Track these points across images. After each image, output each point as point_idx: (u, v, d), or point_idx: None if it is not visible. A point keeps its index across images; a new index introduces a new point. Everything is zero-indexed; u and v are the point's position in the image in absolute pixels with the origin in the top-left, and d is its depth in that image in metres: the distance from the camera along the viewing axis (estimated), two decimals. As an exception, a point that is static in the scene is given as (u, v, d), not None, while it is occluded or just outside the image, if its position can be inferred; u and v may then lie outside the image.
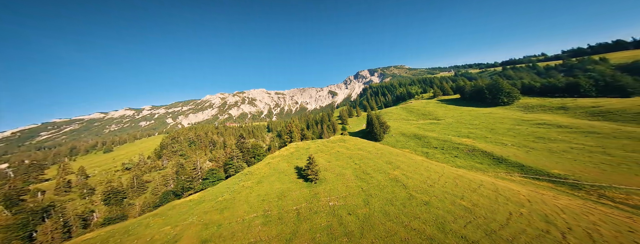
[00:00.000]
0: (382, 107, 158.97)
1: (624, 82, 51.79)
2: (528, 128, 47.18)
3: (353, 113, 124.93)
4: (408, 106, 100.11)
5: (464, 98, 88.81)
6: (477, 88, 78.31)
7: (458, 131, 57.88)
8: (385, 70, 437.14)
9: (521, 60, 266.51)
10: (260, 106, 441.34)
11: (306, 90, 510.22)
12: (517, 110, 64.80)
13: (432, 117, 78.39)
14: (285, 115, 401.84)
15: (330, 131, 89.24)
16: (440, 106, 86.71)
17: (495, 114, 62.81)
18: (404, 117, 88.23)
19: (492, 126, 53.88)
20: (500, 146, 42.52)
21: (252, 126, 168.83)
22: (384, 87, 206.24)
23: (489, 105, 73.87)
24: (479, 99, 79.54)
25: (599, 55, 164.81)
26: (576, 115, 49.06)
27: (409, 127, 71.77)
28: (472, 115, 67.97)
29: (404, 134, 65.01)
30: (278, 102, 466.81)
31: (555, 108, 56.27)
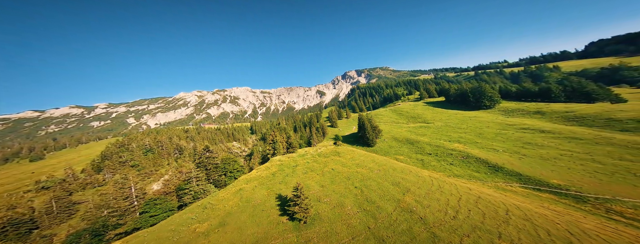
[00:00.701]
0: (371, 108, 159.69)
1: (589, 89, 57.00)
2: (514, 133, 48.35)
3: (342, 114, 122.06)
4: (397, 108, 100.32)
5: (448, 101, 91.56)
6: (462, 91, 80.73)
7: (448, 135, 57.85)
8: (372, 71, 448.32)
9: (489, 66, 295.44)
10: (243, 105, 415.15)
11: (294, 89, 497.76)
12: (498, 113, 67.78)
13: (421, 119, 78.66)
14: (271, 114, 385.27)
15: (320, 135, 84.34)
16: (428, 109, 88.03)
17: (481, 118, 64.68)
18: (394, 119, 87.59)
19: (480, 131, 54.70)
20: (492, 153, 42.40)
21: (232, 128, 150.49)
22: (371, 88, 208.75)
23: (472, 108, 76.55)
24: (463, 102, 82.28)
25: (552, 63, 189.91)
26: (553, 120, 52.02)
27: (400, 131, 70.56)
28: (458, 118, 69.36)
29: (396, 139, 63.25)
30: (264, 101, 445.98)
31: (533, 112, 59.62)
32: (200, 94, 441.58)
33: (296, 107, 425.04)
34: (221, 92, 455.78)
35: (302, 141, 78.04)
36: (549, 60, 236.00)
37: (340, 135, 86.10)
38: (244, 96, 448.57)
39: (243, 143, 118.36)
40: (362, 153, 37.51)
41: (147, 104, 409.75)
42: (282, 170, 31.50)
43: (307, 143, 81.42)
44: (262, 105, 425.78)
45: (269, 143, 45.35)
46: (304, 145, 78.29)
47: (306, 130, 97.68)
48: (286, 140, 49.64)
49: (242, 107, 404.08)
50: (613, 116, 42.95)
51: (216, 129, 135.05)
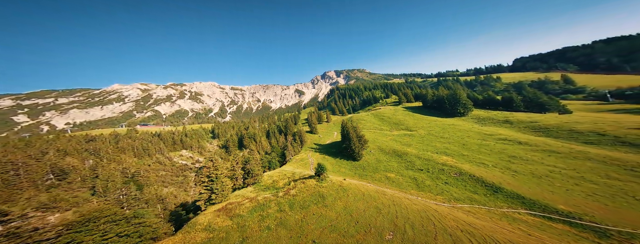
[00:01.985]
0: (351, 110, 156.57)
1: (542, 100, 63.98)
2: (495, 144, 48.49)
3: (322, 117, 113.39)
4: (379, 113, 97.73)
5: (426, 107, 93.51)
6: (439, 98, 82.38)
7: (433, 146, 55.65)
8: (350, 72, 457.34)
9: (446, 74, 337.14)
10: (208, 102, 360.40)
11: (270, 87, 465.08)
12: (472, 121, 70.64)
13: (404, 126, 76.56)
14: (243, 114, 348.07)
15: (297, 144, 73.07)
16: (408, 114, 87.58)
17: (459, 126, 65.64)
18: (377, 125, 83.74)
19: (464, 141, 54.06)
20: (483, 168, 40.39)
21: (183, 132, 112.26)
22: (351, 90, 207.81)
23: (448, 115, 78.66)
24: (439, 108, 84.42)
25: (495, 74, 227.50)
26: (522, 130, 55.17)
27: (385, 140, 66.04)
28: (439, 126, 69.40)
29: (382, 150, 57.93)
30: (234, 98, 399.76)
31: (502, 121, 63.24)
32: (146, 88, 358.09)
33: (273, 106, 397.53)
34: (177, 86, 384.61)
35: (276, 154, 65.07)
36: (490, 71, 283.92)
37: (321, 143, 77.01)
38: (209, 92, 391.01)
39: (197, 151, 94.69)
40: (359, 192, 28.52)
41: (55, 97, 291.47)
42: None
43: (280, 156, 68.77)
44: (233, 103, 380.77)
45: (202, 183, 27.46)
46: (277, 160, 65.24)
47: (281, 138, 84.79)
48: (243, 164, 36.63)
49: (207, 105, 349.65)
50: (573, 128, 46.82)
51: (154, 135, 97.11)
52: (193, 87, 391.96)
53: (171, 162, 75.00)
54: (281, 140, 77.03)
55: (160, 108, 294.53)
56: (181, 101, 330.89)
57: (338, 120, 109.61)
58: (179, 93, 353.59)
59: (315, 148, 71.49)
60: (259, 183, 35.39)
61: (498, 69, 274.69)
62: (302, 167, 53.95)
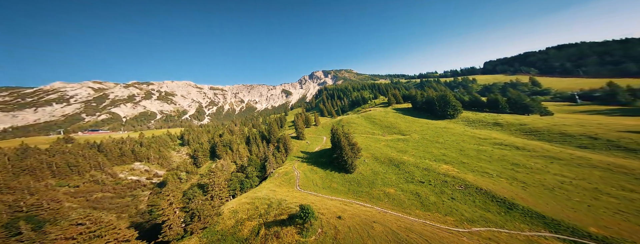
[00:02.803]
0: (340, 111, 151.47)
1: (526, 102, 65.45)
2: (493, 150, 46.17)
3: (310, 120, 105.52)
4: (369, 115, 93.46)
5: (415, 108, 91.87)
6: (429, 99, 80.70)
7: (430, 152, 51.91)
8: (338, 73, 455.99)
9: (427, 75, 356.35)
10: (182, 103, 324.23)
11: (255, 87, 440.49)
12: (463, 123, 69.65)
13: (396, 130, 72.80)
14: (224, 115, 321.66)
15: (282, 154, 64.07)
16: (399, 117, 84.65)
17: (452, 129, 63.64)
18: (369, 129, 78.90)
19: (460, 147, 51.25)
20: (489, 179, 36.92)
21: (138, 139, 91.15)
22: (339, 90, 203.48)
23: (439, 117, 77.21)
24: (429, 110, 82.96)
25: (470, 76, 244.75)
26: (513, 133, 54.52)
27: (378, 146, 60.92)
28: (432, 129, 66.85)
29: (377, 158, 52.45)
30: (214, 99, 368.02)
31: (492, 124, 62.75)
32: (101, 86, 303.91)
33: (258, 107, 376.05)
34: (142, 85, 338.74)
35: (251, 169, 54.13)
36: (465, 73, 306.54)
37: (309, 151, 69.19)
38: (183, 92, 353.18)
39: (158, 162, 77.35)
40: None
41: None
42: None
43: (260, 169, 58.47)
44: (212, 104, 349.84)
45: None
46: (255, 175, 54.87)
47: (263, 145, 74.80)
48: (185, 202, 26.63)
49: (180, 105, 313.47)
50: (564, 131, 46.69)
51: (91, 145, 75.74)
52: (163, 86, 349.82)
53: (115, 179, 59.62)
54: (263, 148, 67.08)
55: (119, 110, 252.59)
56: (147, 102, 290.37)
57: (327, 123, 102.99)
58: (144, 93, 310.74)
59: (302, 158, 63.40)
60: (212, 227, 24.72)
61: (472, 71, 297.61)
62: (286, 185, 45.49)
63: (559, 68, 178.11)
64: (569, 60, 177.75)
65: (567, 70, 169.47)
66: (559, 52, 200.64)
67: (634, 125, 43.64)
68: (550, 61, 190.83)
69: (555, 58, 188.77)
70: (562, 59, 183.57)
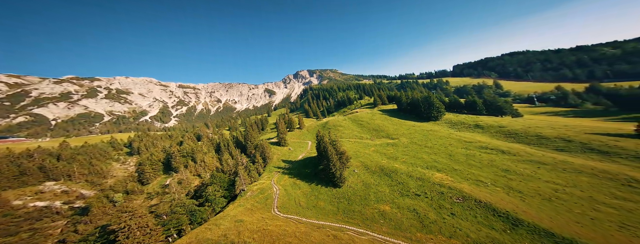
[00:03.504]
0: (325, 112, 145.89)
1: (500, 104, 69.12)
2: (481, 155, 45.43)
3: (293, 123, 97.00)
4: (356, 117, 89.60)
5: (401, 110, 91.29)
6: (414, 101, 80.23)
7: (421, 158, 49.42)
8: (323, 72, 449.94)
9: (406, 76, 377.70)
10: (141, 103, 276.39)
11: (234, 86, 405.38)
12: (446, 125, 70.27)
13: (384, 134, 69.91)
14: (197, 116, 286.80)
15: (259, 165, 54.39)
16: (386, 119, 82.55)
17: (437, 132, 63.08)
18: (357, 133, 74.59)
19: (449, 151, 49.87)
20: (484, 189, 34.95)
21: (54, 153, 64.66)
22: (324, 90, 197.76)
23: (424, 119, 77.12)
24: (414, 112, 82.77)
25: (444, 78, 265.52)
26: (494, 135, 55.74)
27: (368, 152, 56.61)
28: (419, 132, 65.55)
29: (368, 168, 47.77)
30: (184, 98, 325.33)
31: (473, 126, 64.10)
32: (19, 81, 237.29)
33: (238, 107, 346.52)
34: (84, 81, 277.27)
35: (214, 190, 40.87)
36: (439, 75, 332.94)
37: (291, 159, 61.37)
38: (142, 90, 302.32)
39: (85, 179, 56.86)
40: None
41: None
42: None
43: (228, 186, 45.68)
44: (181, 104, 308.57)
45: None
46: (221, 196, 41.79)
47: (237, 153, 63.96)
48: None
49: (138, 106, 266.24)
50: (539, 133, 48.68)
51: None
52: (114, 82, 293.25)
53: (3, 209, 42.00)
54: (231, 165, 55.33)
55: (46, 110, 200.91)
56: (90, 101, 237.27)
57: (312, 126, 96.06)
58: (86, 90, 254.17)
59: (283, 169, 55.30)
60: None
61: (444, 74, 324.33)
62: (261, 207, 37.21)
63: (513, 72, 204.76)
64: (520, 65, 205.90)
65: (519, 75, 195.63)
66: (511, 58, 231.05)
67: (597, 127, 47.44)
68: (506, 66, 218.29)
69: (510, 64, 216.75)
70: (514, 65, 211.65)
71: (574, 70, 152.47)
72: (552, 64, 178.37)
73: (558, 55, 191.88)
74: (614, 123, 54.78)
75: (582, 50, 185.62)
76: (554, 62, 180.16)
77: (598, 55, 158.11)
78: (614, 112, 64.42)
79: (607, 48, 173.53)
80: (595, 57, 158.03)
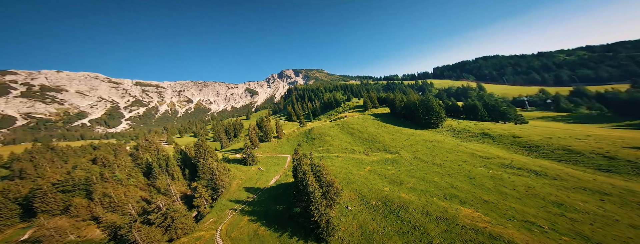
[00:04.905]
0: (310, 115, 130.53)
1: (502, 109, 62.26)
2: (510, 177, 35.08)
3: (270, 131, 79.40)
4: (345, 123, 76.13)
5: (395, 114, 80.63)
6: (410, 104, 69.72)
7: (433, 182, 37.39)
8: (309, 72, 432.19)
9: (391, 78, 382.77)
10: (79, 103, 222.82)
11: (210, 84, 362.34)
12: (449, 134, 60.78)
13: (380, 145, 57.38)
14: (159, 119, 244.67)
15: (204, 202, 36.60)
16: (380, 126, 70.64)
17: (443, 143, 52.65)
18: (347, 144, 60.82)
19: (466, 171, 38.87)
20: (544, 238, 23.78)
21: None
22: (310, 91, 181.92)
23: (422, 125, 66.98)
24: (410, 117, 72.47)
25: (428, 80, 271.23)
26: (510, 148, 46.88)
27: (363, 174, 42.95)
28: (421, 143, 54.41)
29: (365, 200, 34.09)
30: (142, 97, 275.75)
31: (480, 135, 55.25)
32: None
33: (213, 108, 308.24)
34: None
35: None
36: (421, 77, 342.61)
37: (260, 186, 44.69)
38: (82, 87, 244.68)
39: None
40: None
41: None
42: None
43: None
44: (138, 104, 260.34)
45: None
46: None
47: (179, 177, 44.88)
48: None
49: (72, 106, 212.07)
50: (567, 146, 40.60)
51: None
52: (39, 77, 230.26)
53: None
54: (178, 185, 36.47)
55: None
56: None
57: (294, 134, 79.72)
58: None
59: (243, 204, 38.55)
60: None
61: (426, 76, 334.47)
62: None
63: (488, 75, 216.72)
64: (494, 69, 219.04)
65: (494, 78, 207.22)
66: (486, 62, 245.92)
67: (619, 137, 40.90)
68: (482, 69, 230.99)
69: (485, 67, 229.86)
70: (489, 68, 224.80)
71: (541, 74, 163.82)
72: (522, 68, 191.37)
73: (524, 59, 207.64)
74: (629, 131, 50.75)
75: (544, 56, 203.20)
76: (523, 66, 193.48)
77: (559, 61, 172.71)
78: (611, 118, 62.80)
79: (562, 54, 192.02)
80: (557, 62, 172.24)
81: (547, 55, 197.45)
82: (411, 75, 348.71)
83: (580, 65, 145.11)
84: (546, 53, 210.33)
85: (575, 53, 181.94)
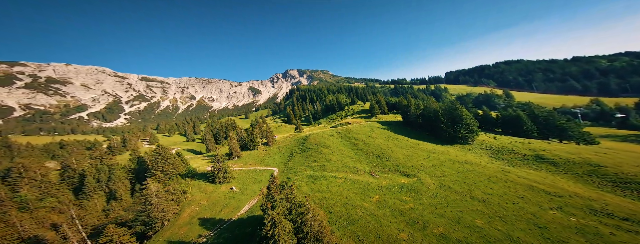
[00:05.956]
0: (310, 118, 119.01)
1: (560, 123, 47.33)
2: (616, 234, 21.45)
3: (256, 137, 68.26)
4: (348, 131, 63.64)
5: (408, 123, 67.10)
6: (430, 112, 56.08)
7: (476, 229, 23.78)
8: (314, 73, 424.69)
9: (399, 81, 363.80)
10: (82, 95, 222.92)
11: (213, 82, 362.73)
12: (484, 154, 46.66)
13: (392, 164, 44.29)
14: (159, 114, 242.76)
15: None
16: (390, 137, 57.47)
17: (481, 167, 38.85)
18: (349, 159, 48.26)
19: (531, 216, 25.12)
20: None
21: None
22: (312, 91, 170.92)
23: (445, 140, 53.23)
24: (429, 128, 58.79)
25: (442, 85, 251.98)
26: (587, 181, 32.49)
27: (369, 208, 30.21)
28: (447, 164, 40.92)
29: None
30: (146, 92, 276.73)
31: (532, 158, 40.82)
32: None
33: (215, 105, 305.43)
34: (2, 66, 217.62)
35: None
36: (434, 82, 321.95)
37: (223, 218, 32.94)
38: (88, 80, 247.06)
39: None
40: None
41: None
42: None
43: None
44: (140, 99, 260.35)
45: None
46: None
47: (126, 192, 34.28)
48: None
49: (74, 98, 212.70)
50: None
51: None
52: (47, 69, 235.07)
53: None
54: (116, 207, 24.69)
55: None
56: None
57: (287, 140, 68.14)
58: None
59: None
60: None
61: (438, 80, 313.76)
62: None
63: (513, 82, 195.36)
64: (520, 74, 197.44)
65: (520, 84, 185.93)
66: (508, 66, 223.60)
67: None
68: (505, 74, 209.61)
69: (509, 73, 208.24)
70: (513, 73, 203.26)
71: (582, 81, 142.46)
72: (555, 74, 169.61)
73: (556, 64, 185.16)
74: None
75: (581, 61, 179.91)
76: (556, 72, 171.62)
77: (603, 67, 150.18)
78: None
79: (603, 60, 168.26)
80: (600, 68, 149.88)
81: (584, 60, 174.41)
82: (421, 80, 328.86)
83: (632, 72, 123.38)
84: (582, 58, 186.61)
85: (620, 58, 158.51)
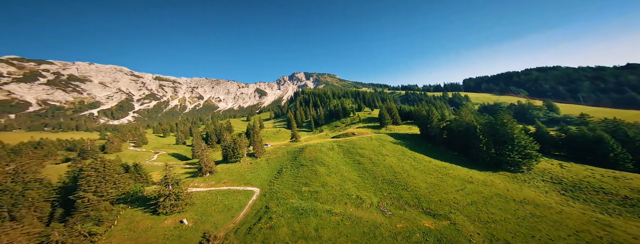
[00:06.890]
0: (312, 123, 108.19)
1: None
2: None
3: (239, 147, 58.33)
4: (352, 145, 51.44)
5: (427, 137, 53.28)
6: (461, 126, 42.41)
7: None
8: (320, 76, 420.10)
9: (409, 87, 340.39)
10: (98, 93, 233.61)
11: (222, 82, 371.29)
12: (549, 188, 32.12)
13: (408, 194, 31.21)
14: (167, 113, 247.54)
15: None
16: (405, 156, 44.23)
17: (555, 213, 24.60)
18: (350, 184, 35.92)
19: None
20: None
21: None
22: (316, 95, 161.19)
23: (485, 164, 39.11)
24: (460, 147, 44.84)
25: (462, 93, 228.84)
26: None
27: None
28: (493, 203, 27.22)
29: None
30: (158, 91, 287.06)
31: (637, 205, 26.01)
32: None
33: (221, 105, 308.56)
34: (29, 63, 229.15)
35: None
36: (449, 89, 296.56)
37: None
38: (106, 79, 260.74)
39: None
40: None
41: None
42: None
43: None
44: (151, 97, 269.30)
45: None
46: None
47: (34, 219, 24.75)
48: None
49: (91, 96, 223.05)
50: None
51: None
52: (70, 68, 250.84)
53: None
54: None
55: None
56: (20, 86, 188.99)
57: (279, 152, 57.48)
58: (23, 73, 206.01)
59: None
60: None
61: (456, 87, 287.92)
62: None
63: (549, 91, 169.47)
64: (559, 83, 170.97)
65: (560, 95, 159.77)
66: (543, 74, 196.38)
67: None
68: (539, 83, 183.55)
69: (544, 81, 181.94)
70: (550, 82, 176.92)
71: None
72: (607, 84, 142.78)
73: (607, 72, 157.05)
74: None
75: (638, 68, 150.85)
76: (608, 81, 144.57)
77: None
78: None
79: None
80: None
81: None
82: (435, 86, 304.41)
83: None
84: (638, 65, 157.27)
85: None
